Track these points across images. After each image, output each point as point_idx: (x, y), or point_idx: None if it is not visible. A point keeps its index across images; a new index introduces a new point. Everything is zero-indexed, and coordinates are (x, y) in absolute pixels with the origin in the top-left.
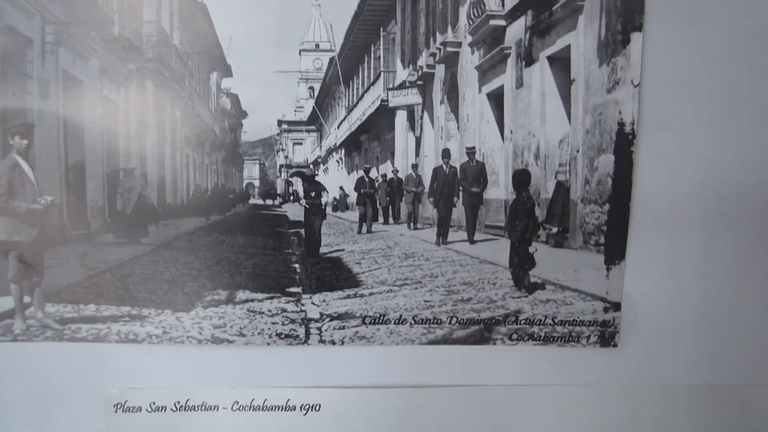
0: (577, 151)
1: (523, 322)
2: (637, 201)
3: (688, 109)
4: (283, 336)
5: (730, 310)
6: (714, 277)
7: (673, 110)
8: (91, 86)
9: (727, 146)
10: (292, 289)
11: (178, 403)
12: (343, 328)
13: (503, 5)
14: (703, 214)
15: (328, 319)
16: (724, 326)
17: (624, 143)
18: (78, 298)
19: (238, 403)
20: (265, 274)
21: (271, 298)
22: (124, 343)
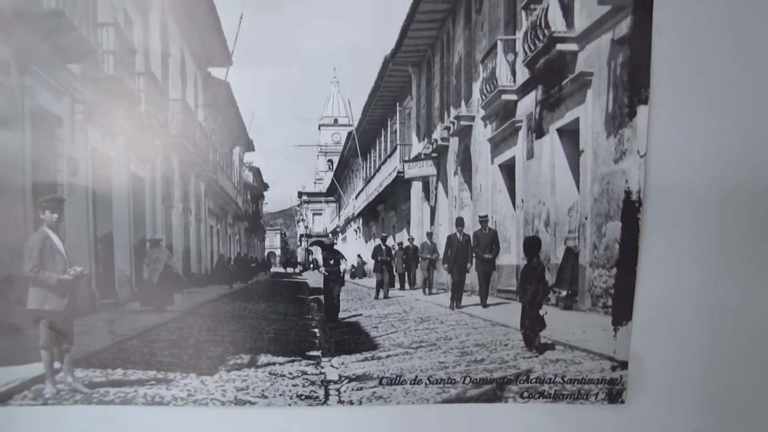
0: (586, 218)
1: (533, 380)
2: (643, 265)
3: (692, 178)
4: (303, 397)
5: (733, 366)
6: (717, 336)
7: (679, 179)
8: (119, 162)
9: (732, 215)
10: (312, 353)
11: None
12: (361, 389)
13: (515, 80)
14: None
15: (346, 380)
16: (728, 382)
17: (631, 210)
18: (106, 363)
19: None
20: (286, 338)
21: (292, 361)
22: (151, 406)
